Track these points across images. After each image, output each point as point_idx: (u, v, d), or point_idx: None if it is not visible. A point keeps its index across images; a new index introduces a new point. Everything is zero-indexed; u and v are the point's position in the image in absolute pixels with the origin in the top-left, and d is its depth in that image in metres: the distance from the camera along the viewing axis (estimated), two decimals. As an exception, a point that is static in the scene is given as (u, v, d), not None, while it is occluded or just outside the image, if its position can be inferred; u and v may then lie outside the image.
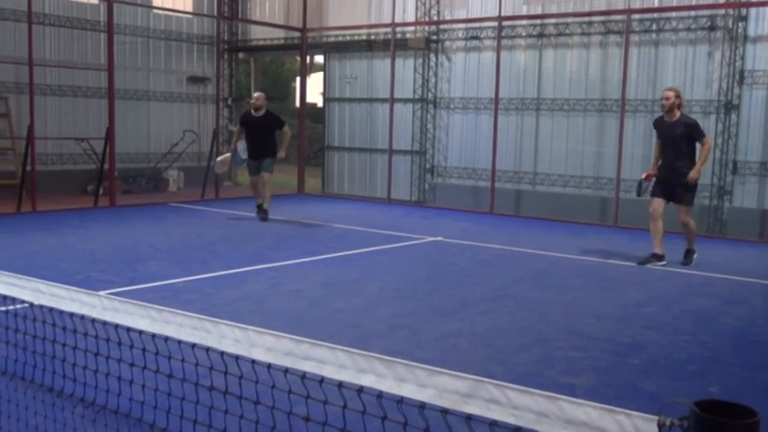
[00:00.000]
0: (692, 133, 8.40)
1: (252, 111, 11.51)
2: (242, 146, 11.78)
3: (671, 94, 8.55)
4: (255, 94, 11.80)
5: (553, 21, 13.16)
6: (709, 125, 11.76)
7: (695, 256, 8.81)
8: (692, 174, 8.32)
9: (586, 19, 12.79)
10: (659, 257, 8.68)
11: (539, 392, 1.81)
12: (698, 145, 8.44)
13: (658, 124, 8.82)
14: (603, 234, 11.31)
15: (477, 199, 13.91)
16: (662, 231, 8.63)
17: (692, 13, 11.79)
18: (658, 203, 8.56)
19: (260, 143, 11.40)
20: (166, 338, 2.68)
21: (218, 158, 12.25)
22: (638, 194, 8.97)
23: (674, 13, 11.95)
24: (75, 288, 3.02)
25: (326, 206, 14.04)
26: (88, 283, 6.70)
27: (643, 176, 8.91)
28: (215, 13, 16.21)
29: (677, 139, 8.44)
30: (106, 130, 12.90)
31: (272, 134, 11.50)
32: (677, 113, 8.53)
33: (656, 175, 8.69)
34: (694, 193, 8.60)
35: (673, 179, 8.44)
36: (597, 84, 12.79)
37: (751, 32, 11.39)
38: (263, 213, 11.47)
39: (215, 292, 6.77)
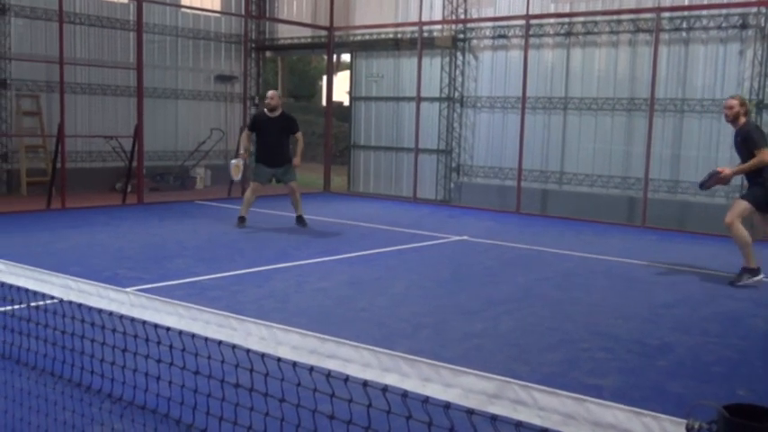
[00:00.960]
0: (747, 144, 7.56)
1: (266, 111, 10.58)
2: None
3: (734, 102, 7.69)
4: (270, 93, 10.70)
5: (581, 19, 13.05)
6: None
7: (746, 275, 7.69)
8: (726, 171, 7.65)
9: (615, 17, 12.68)
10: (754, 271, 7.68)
11: (565, 394, 1.80)
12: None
13: (735, 135, 7.93)
14: (631, 234, 11.20)
15: (503, 198, 13.85)
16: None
17: (724, 11, 11.63)
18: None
19: (276, 147, 10.44)
20: (193, 335, 2.70)
21: (232, 162, 11.26)
22: (702, 185, 7.97)
23: (704, 12, 11.80)
24: (103, 285, 3.06)
25: (352, 205, 14.06)
26: (116, 280, 6.77)
27: (719, 170, 7.84)
28: (243, 12, 16.30)
29: (737, 148, 7.79)
30: (135, 128, 13.04)
31: (288, 137, 10.58)
32: (741, 121, 7.66)
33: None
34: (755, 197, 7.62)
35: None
36: (626, 83, 12.67)
37: (783, 31, 11.21)
38: (301, 222, 10.64)
39: (241, 290, 6.81)
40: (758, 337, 5.88)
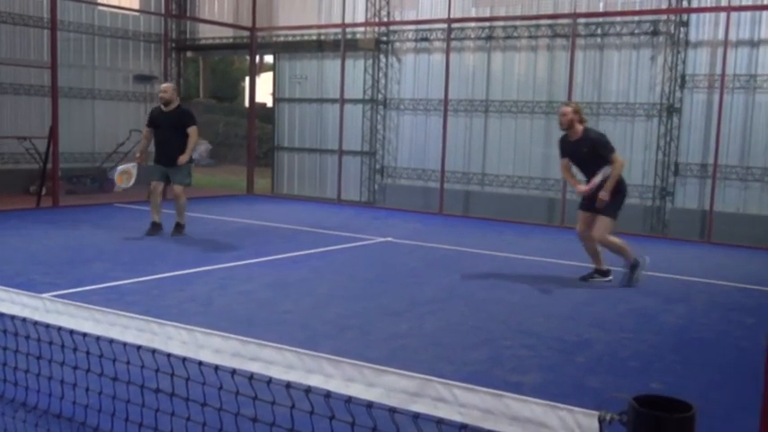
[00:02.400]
0: (598, 150, 7.43)
1: (161, 106, 9.76)
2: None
3: (568, 109, 7.55)
4: (163, 86, 9.88)
5: (501, 23, 13.31)
6: (652, 128, 12.06)
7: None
8: (602, 194, 7.41)
9: (534, 22, 12.98)
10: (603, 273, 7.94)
11: (485, 390, 1.84)
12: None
13: (562, 144, 7.83)
14: (551, 234, 11.48)
15: (426, 200, 13.99)
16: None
17: (636, 18, 12.06)
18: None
19: (169, 145, 9.57)
20: (111, 341, 2.65)
21: (120, 168, 10.18)
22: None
23: (618, 18, 12.21)
24: (16, 290, 2.96)
25: (276, 207, 13.96)
26: (30, 286, 6.54)
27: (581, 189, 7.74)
28: (162, 11, 15.99)
29: (585, 158, 7.59)
30: (49, 129, 12.62)
31: (182, 134, 9.56)
32: (579, 129, 7.57)
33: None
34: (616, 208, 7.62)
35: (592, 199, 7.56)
36: (544, 86, 12.99)
37: (692, 37, 11.70)
38: (178, 231, 9.84)
39: (161, 294, 6.68)
40: (670, 332, 6.11)
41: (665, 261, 9.41)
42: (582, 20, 12.41)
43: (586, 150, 7.53)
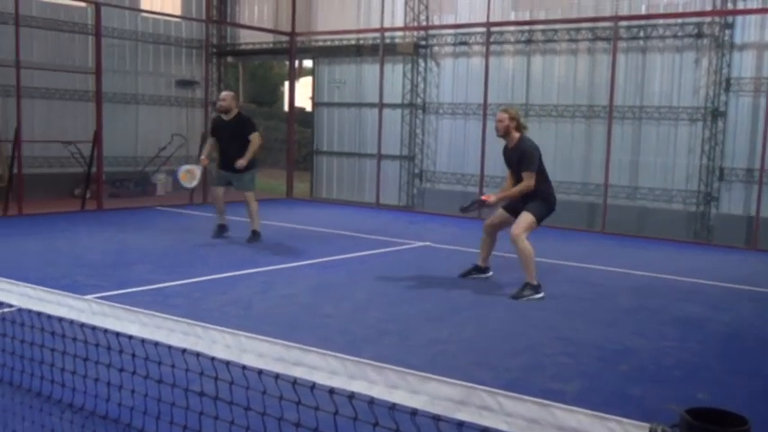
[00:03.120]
0: (522, 163, 7.24)
1: (222, 114, 9.90)
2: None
3: (504, 116, 7.32)
4: (222, 94, 10.02)
5: (541, 27, 13.21)
6: (696, 132, 11.87)
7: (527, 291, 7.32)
8: (491, 198, 7.36)
9: (574, 25, 12.86)
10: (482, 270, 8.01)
11: (531, 399, 1.82)
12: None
13: (504, 150, 7.60)
14: (591, 240, 11.35)
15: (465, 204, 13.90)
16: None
17: (679, 20, 11.88)
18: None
19: (232, 152, 9.70)
20: (156, 344, 2.68)
21: (184, 167, 10.33)
22: (463, 209, 7.77)
23: (661, 20, 12.04)
24: (63, 292, 3.01)
25: (315, 211, 14.02)
26: (75, 287, 6.66)
27: (483, 198, 7.63)
28: (204, 17, 16.18)
29: (511, 163, 7.42)
30: (94, 134, 12.85)
31: (244, 141, 9.68)
32: (515, 137, 7.35)
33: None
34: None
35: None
36: (585, 90, 12.85)
37: (737, 40, 11.48)
38: (255, 238, 9.97)
39: (203, 297, 6.75)
40: (716, 340, 5.99)
41: (709, 268, 9.25)
42: (623, 23, 12.25)
43: (516, 159, 7.30)
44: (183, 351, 2.59)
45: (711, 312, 6.91)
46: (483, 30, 13.51)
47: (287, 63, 17.23)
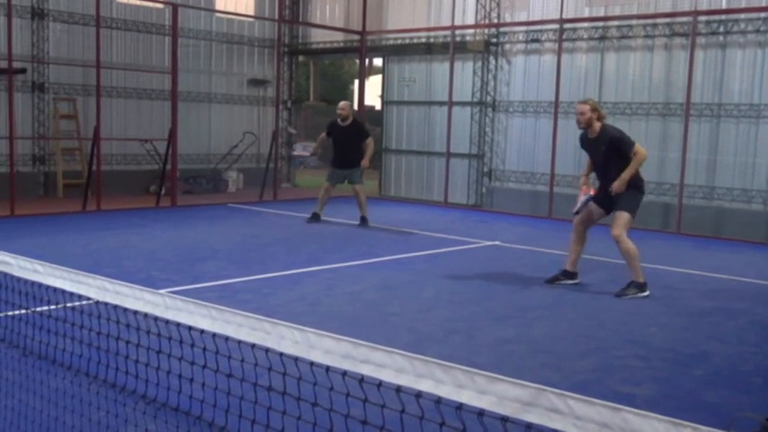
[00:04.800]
0: (617, 146, 7.12)
1: (338, 120, 11.39)
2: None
3: (585, 107, 7.24)
4: (341, 104, 11.64)
5: (616, 23, 12.93)
6: (778, 130, 11.42)
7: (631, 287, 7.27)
8: (616, 185, 7.12)
9: (650, 21, 12.54)
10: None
11: (601, 403, 1.77)
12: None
13: (582, 140, 7.62)
14: (666, 241, 11.06)
15: (535, 203, 13.75)
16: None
17: (762, 14, 11.44)
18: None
19: (347, 153, 11.32)
20: (227, 338, 2.71)
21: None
22: (577, 213, 7.74)
23: (742, 15, 11.62)
24: (138, 286, 3.08)
25: (383, 209, 14.06)
26: (150, 282, 6.84)
27: (592, 193, 7.59)
28: (276, 17, 16.40)
29: (603, 157, 7.25)
30: (169, 132, 13.18)
31: (358, 144, 11.30)
32: (597, 127, 7.26)
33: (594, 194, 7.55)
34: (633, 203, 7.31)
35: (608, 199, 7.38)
36: (661, 87, 12.52)
37: (824, 35, 11.00)
38: (364, 223, 11.45)
39: (271, 293, 6.84)
40: (797, 346, 5.76)
41: (790, 271, 8.91)
42: (703, 17, 11.88)
43: (604, 149, 7.19)
44: (253, 346, 2.62)
45: (793, 318, 6.64)
46: (556, 26, 13.31)
47: (357, 61, 17.34)
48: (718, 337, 5.90)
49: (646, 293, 7.18)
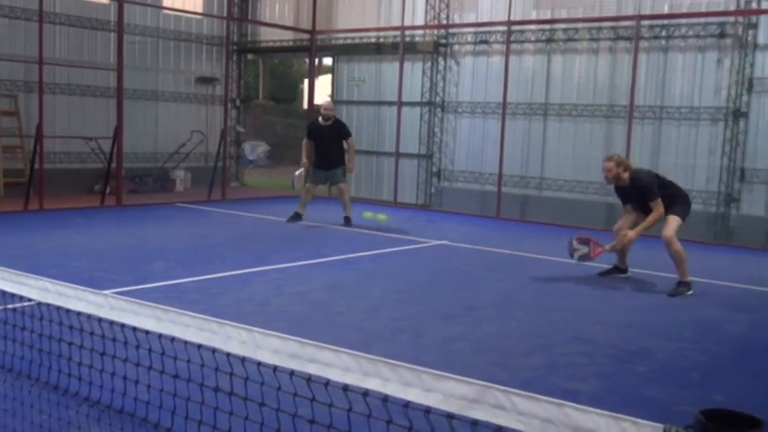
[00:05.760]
0: (647, 196, 7.61)
1: (320, 120, 11.33)
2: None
3: (610, 164, 7.68)
4: (327, 103, 11.73)
5: (562, 26, 13.15)
6: (717, 132, 11.77)
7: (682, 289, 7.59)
8: (630, 234, 7.67)
9: (595, 24, 12.78)
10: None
11: (545, 398, 1.81)
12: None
13: (616, 189, 8.06)
14: (609, 240, 11.25)
15: (483, 203, 13.90)
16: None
17: (702, 19, 11.77)
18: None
19: (329, 153, 11.28)
20: (173, 339, 2.69)
21: (295, 174, 11.65)
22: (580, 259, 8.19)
23: (683, 20, 11.94)
24: (81, 287, 3.03)
25: (332, 208, 14.02)
26: (94, 282, 6.71)
27: (597, 254, 8.13)
28: (224, 15, 16.25)
29: (637, 200, 7.77)
30: (114, 130, 12.95)
31: (340, 144, 11.34)
32: (625, 177, 7.69)
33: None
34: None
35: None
36: (605, 89, 12.78)
37: (761, 40, 11.36)
38: (348, 223, 11.43)
39: (220, 293, 6.78)
40: (733, 342, 5.94)
41: (729, 269, 9.18)
42: (646, 22, 12.16)
43: (636, 194, 7.76)
44: (199, 346, 2.60)
45: (729, 314, 6.85)
46: (504, 28, 13.47)
47: (307, 61, 17.29)
48: (659, 333, 6.05)
49: (692, 291, 7.54)
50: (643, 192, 7.63)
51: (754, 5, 11.35)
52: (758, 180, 11.48)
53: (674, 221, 7.62)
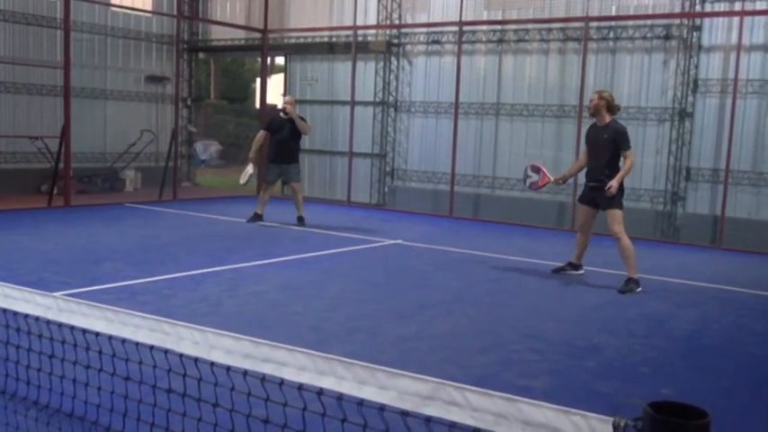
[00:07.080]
0: (617, 140, 7.67)
1: (281, 114, 11.33)
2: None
3: (595, 95, 7.92)
4: (288, 98, 11.64)
5: (513, 27, 13.30)
6: (663, 132, 12.03)
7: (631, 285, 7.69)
8: (614, 183, 7.57)
9: (545, 25, 12.96)
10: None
11: (497, 394, 1.84)
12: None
13: (589, 130, 8.14)
14: (560, 238, 11.44)
15: (436, 202, 13.98)
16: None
17: (649, 21, 12.03)
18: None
19: (286, 148, 11.26)
20: (123, 340, 2.66)
21: (250, 170, 11.61)
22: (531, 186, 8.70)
23: (630, 22, 12.18)
24: (29, 289, 2.97)
25: (286, 208, 13.97)
26: (42, 284, 6.57)
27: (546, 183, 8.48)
28: (175, 13, 16.04)
29: (602, 145, 7.77)
30: (61, 129, 12.68)
31: (298, 140, 11.41)
32: (606, 117, 7.82)
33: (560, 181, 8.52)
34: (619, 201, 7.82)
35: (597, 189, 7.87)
36: (555, 90, 12.96)
37: (705, 42, 11.66)
38: (301, 222, 11.43)
39: (172, 294, 6.70)
40: (680, 338, 6.08)
41: (676, 266, 9.39)
42: (594, 23, 12.37)
43: (606, 137, 7.77)
44: (151, 348, 2.58)
45: (677, 310, 7.01)
46: (455, 29, 13.56)
47: (259, 60, 17.17)
48: (608, 330, 6.17)
49: (640, 288, 7.65)
50: (617, 138, 7.65)
51: (698, 8, 11.64)
52: (703, 179, 11.78)
53: (617, 215, 7.78)
